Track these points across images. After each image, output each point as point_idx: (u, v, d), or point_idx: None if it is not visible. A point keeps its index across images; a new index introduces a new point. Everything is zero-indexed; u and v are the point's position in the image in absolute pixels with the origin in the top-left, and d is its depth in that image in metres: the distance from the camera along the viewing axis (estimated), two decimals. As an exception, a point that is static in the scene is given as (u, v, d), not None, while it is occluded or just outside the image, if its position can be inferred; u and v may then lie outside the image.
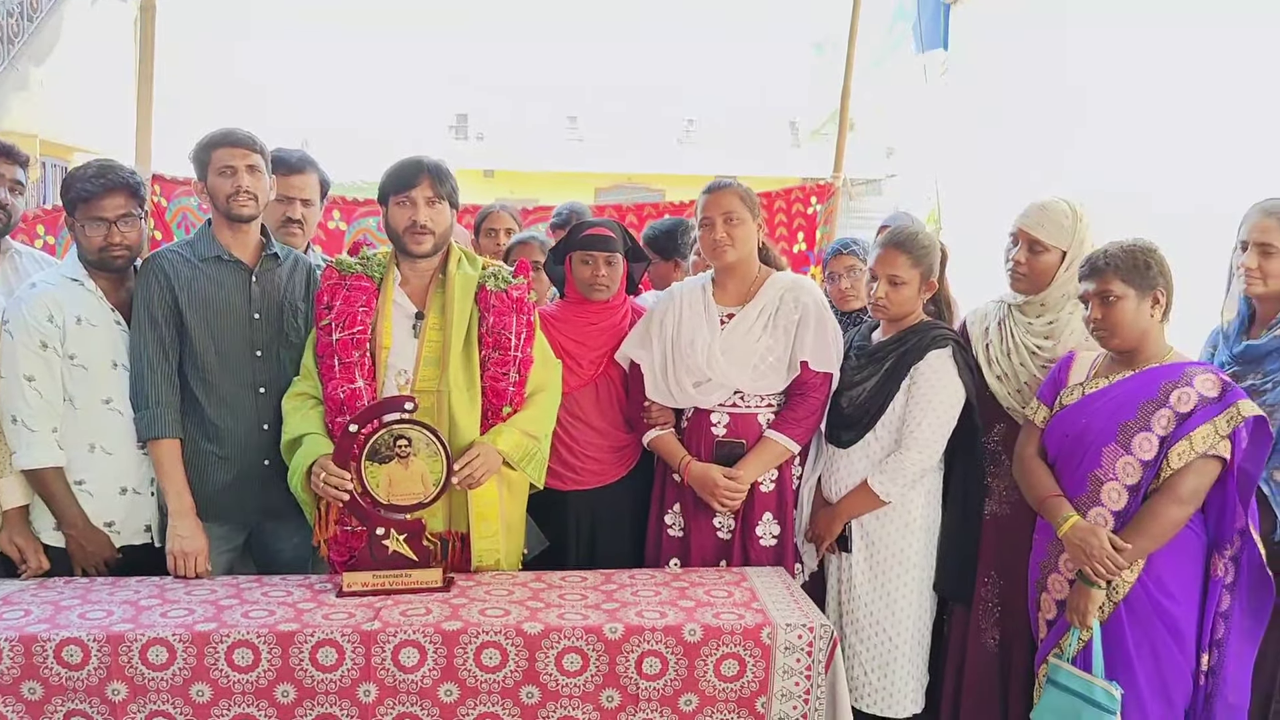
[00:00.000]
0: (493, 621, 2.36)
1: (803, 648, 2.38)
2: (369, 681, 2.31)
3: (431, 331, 2.70)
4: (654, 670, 2.36)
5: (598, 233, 3.00)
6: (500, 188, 21.94)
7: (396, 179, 2.69)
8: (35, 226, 3.81)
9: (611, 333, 3.06)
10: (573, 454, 3.01)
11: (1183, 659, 2.43)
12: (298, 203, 3.25)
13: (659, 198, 15.54)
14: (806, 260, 4.62)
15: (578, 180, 22.40)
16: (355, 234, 4.31)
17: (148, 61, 4.01)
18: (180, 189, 4.07)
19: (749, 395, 2.91)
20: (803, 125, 27.65)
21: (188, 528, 2.69)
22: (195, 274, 2.77)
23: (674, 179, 23.50)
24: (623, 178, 24.03)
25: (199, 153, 2.78)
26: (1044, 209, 2.77)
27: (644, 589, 2.60)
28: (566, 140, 26.80)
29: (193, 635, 2.28)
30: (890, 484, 2.75)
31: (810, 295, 2.93)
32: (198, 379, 2.76)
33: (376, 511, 2.56)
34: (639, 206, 4.75)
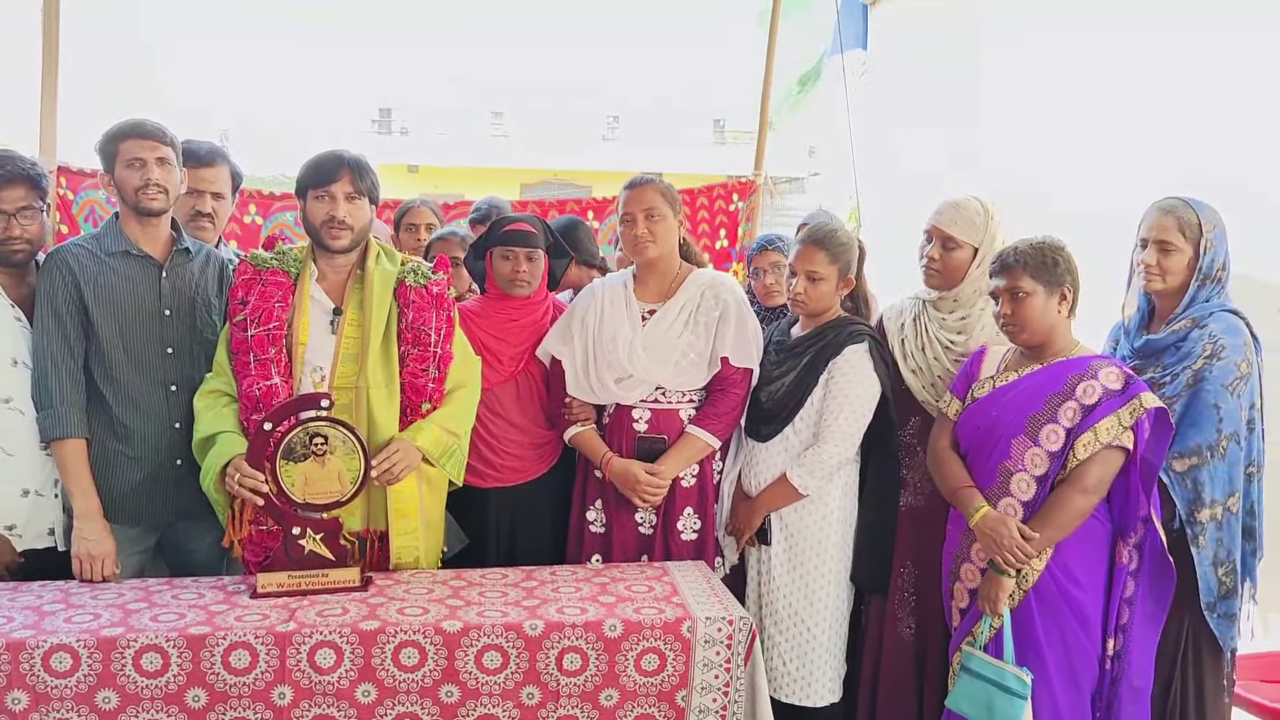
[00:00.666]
0: (411, 620, 2.34)
1: (722, 641, 2.40)
2: (284, 684, 2.27)
3: (349, 328, 2.66)
4: (574, 666, 2.36)
5: (518, 228, 2.99)
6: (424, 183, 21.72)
7: (315, 173, 2.64)
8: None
9: (532, 329, 3.05)
10: (493, 451, 2.99)
11: (1089, 644, 2.51)
12: (208, 196, 3.17)
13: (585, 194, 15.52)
14: (729, 257, 4.66)
15: (503, 176, 22.29)
16: (272, 229, 4.22)
17: (51, 50, 3.88)
18: (87, 181, 3.94)
19: (670, 391, 2.92)
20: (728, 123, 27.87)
21: (94, 530, 2.62)
22: (102, 269, 2.69)
23: (599, 175, 23.50)
24: (548, 173, 23.96)
25: (106, 144, 2.70)
26: (957, 207, 2.83)
27: (565, 585, 2.60)
28: (491, 136, 26.63)
29: (98, 640, 2.22)
30: (808, 477, 2.79)
31: (731, 292, 2.96)
32: (105, 377, 2.68)
33: (292, 511, 2.52)
34: (562, 203, 4.73)
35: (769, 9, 4.88)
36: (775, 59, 4.76)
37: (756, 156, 4.78)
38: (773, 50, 4.74)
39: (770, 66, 4.72)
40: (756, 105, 4.81)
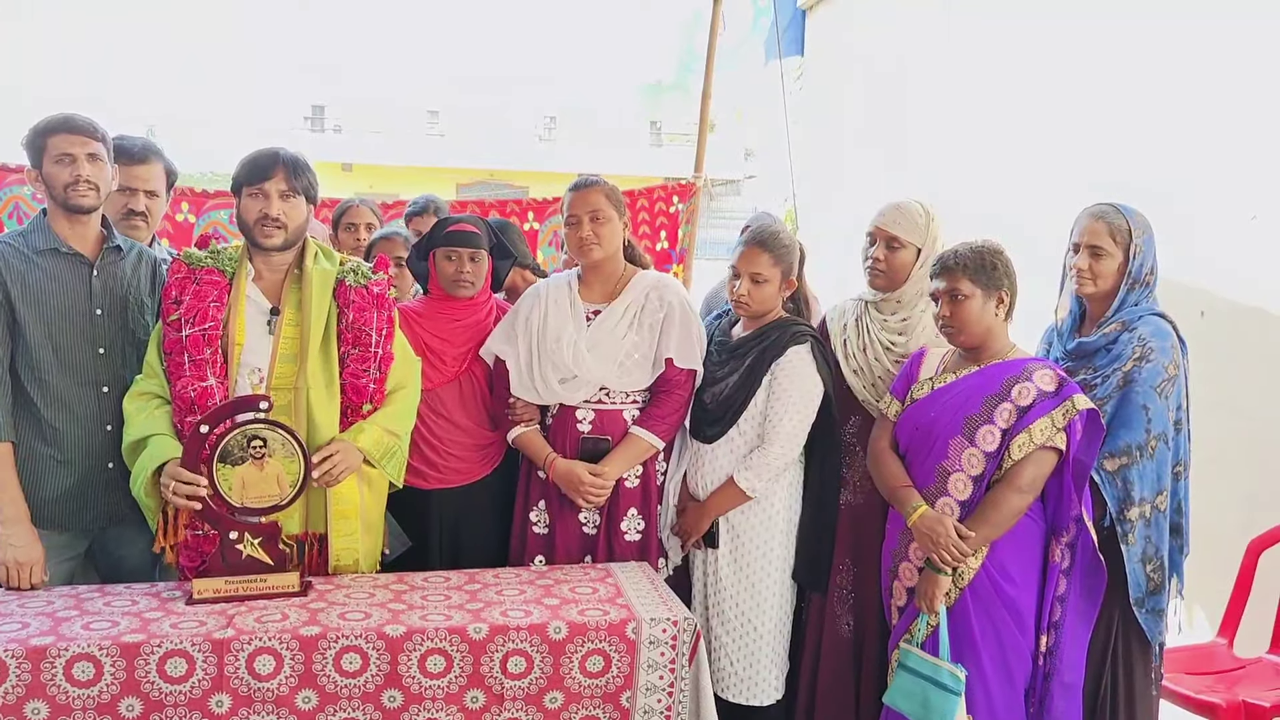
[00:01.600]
0: (353, 625, 2.31)
1: (667, 641, 2.41)
2: (222, 692, 2.23)
3: (287, 327, 2.62)
4: (519, 669, 2.35)
5: (462, 229, 2.97)
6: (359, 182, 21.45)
7: (250, 170, 2.59)
8: None
9: (476, 329, 3.03)
10: (436, 452, 2.97)
11: (1023, 641, 2.57)
12: (141, 194, 3.09)
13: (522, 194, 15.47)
14: (669, 259, 4.68)
15: (439, 175, 22.12)
16: (205, 226, 4.14)
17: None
18: (12, 176, 3.83)
19: (614, 392, 2.92)
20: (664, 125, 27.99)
21: (21, 536, 2.54)
22: (29, 267, 2.61)
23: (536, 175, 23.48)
24: (485, 174, 23.84)
25: (33, 138, 2.62)
26: (899, 208, 2.88)
27: (509, 588, 2.59)
28: (427, 135, 26.43)
29: (27, 650, 2.15)
30: (756, 479, 2.81)
31: (675, 294, 2.97)
32: (32, 379, 2.61)
33: (229, 515, 2.47)
34: (502, 203, 4.72)
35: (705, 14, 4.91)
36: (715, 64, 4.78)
37: (697, 159, 4.81)
38: (713, 54, 4.77)
39: (710, 70, 4.75)
40: (695, 107, 4.83)
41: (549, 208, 4.60)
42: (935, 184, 5.01)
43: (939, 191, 4.33)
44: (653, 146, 27.59)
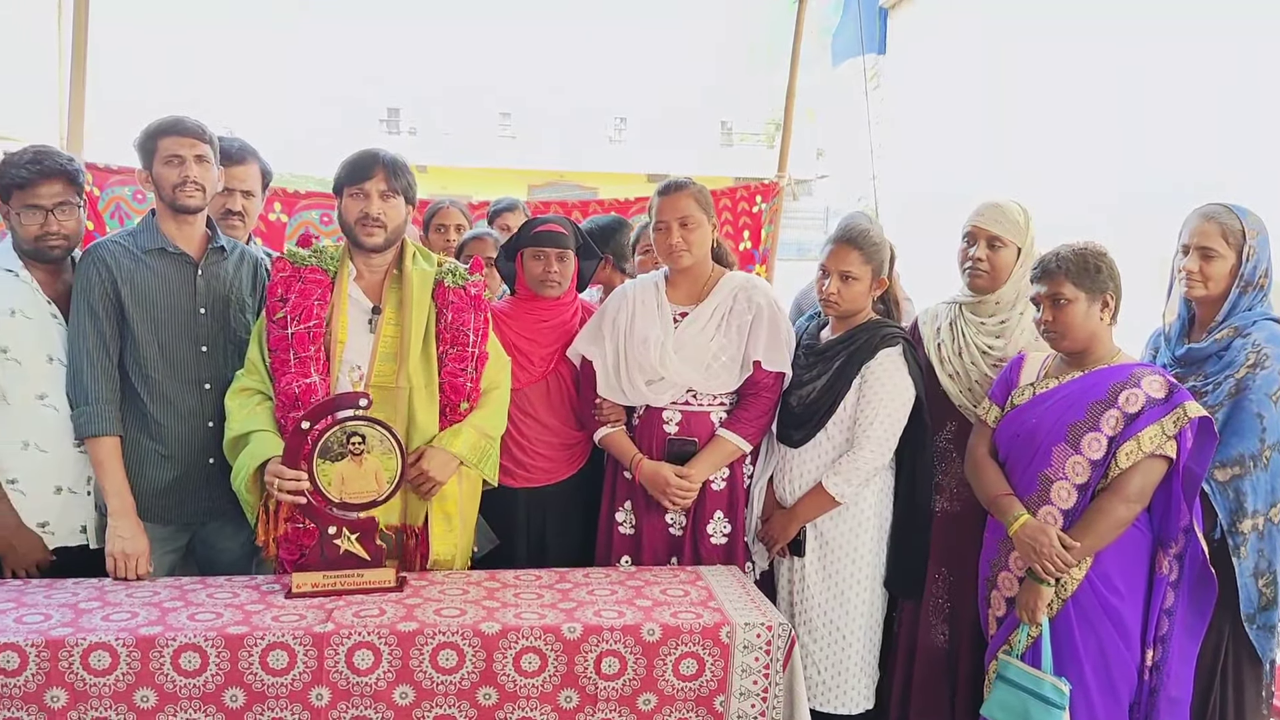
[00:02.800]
0: (449, 622, 2.33)
1: (761, 646, 2.39)
2: (321, 685, 2.26)
3: (388, 327, 2.65)
4: (613, 670, 2.34)
5: (550, 229, 2.98)
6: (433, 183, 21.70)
7: (352, 171, 2.63)
8: (-41, 215, 3.66)
9: (562, 330, 3.04)
10: (523, 451, 2.99)
11: (1128, 654, 2.49)
12: (239, 194, 3.15)
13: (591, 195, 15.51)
14: (752, 259, 4.65)
15: (510, 177, 22.30)
16: (297, 226, 4.21)
17: (80, 45, 3.87)
18: (114, 178, 3.93)
19: (701, 394, 2.91)
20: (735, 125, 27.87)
21: (129, 528, 2.60)
22: (138, 266, 2.68)
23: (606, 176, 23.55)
24: (555, 175, 23.99)
25: (145, 140, 2.69)
26: (999, 207, 2.83)
27: (599, 588, 2.59)
28: (499, 137, 26.66)
29: (137, 639, 2.21)
30: (845, 485, 2.77)
31: (764, 295, 2.95)
32: (139, 375, 2.67)
33: (328, 510, 2.50)
34: (583, 203, 4.72)
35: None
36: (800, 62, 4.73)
37: (780, 158, 4.77)
38: (797, 52, 4.73)
39: (795, 67, 4.70)
40: (765, 107, 4.79)
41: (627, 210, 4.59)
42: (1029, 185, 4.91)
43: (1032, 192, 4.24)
44: (723, 146, 27.50)
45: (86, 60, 3.90)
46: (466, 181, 21.05)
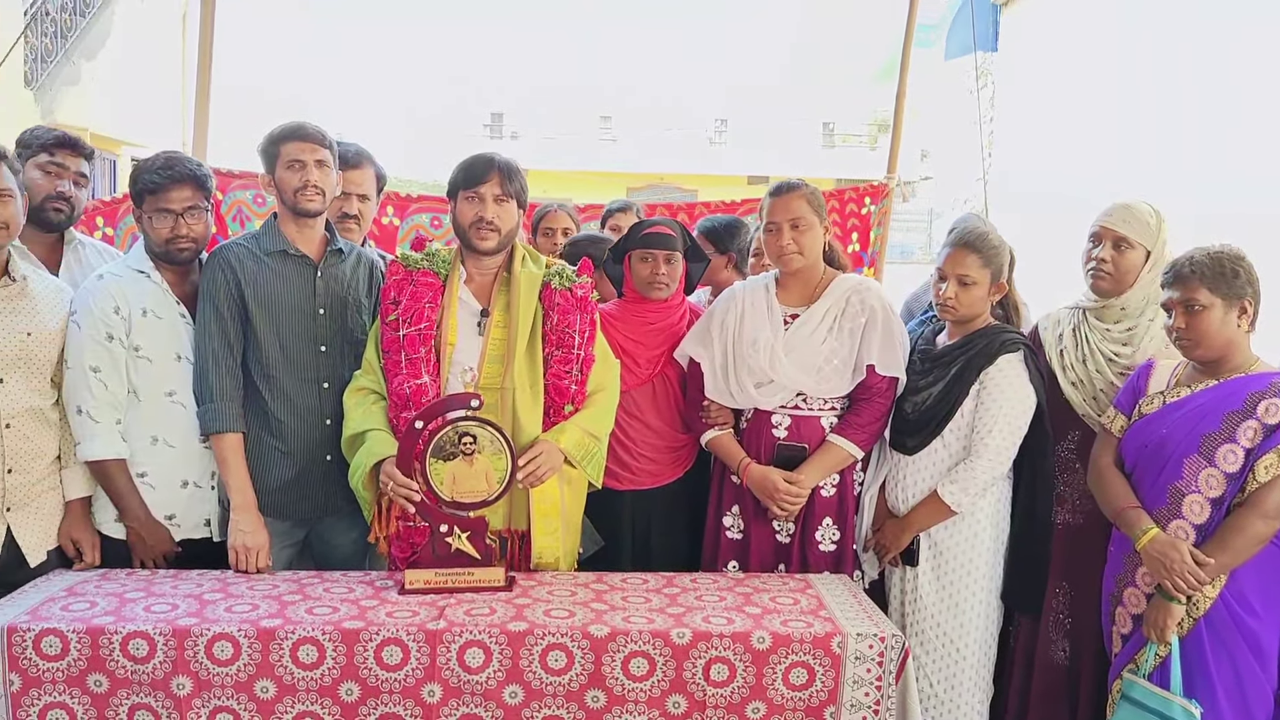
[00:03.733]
0: (558, 623, 2.33)
1: (873, 658, 2.33)
2: (434, 682, 2.28)
3: (496, 329, 2.68)
4: (722, 677, 2.32)
5: (658, 231, 2.97)
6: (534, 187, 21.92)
7: (466, 174, 2.67)
8: (94, 218, 3.82)
9: (669, 332, 3.03)
10: (629, 453, 2.98)
11: (1265, 677, 2.37)
12: (354, 198, 3.24)
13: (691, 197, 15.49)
14: (861, 261, 4.57)
15: (610, 180, 22.44)
16: (409, 229, 4.29)
17: (206, 54, 4.01)
18: (235, 182, 4.06)
19: (812, 398, 2.86)
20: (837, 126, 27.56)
21: (250, 523, 2.68)
22: (261, 268, 2.76)
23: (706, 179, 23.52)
24: (655, 177, 24.05)
25: (268, 145, 2.77)
26: (1128, 208, 2.73)
27: (707, 593, 2.57)
28: (600, 139, 26.88)
29: (258, 631, 2.27)
30: (961, 494, 2.70)
31: (877, 298, 2.89)
32: (261, 373, 2.75)
33: (440, 509, 2.54)
34: (689, 205, 4.71)
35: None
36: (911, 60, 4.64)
37: (890, 159, 4.68)
38: (908, 50, 4.63)
39: (906, 66, 4.61)
40: (867, 107, 4.71)
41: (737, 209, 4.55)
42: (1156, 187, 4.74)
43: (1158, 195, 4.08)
44: (824, 148, 27.22)
45: (211, 71, 4.03)
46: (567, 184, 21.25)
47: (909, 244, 21.83)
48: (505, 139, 26.44)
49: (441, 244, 2.93)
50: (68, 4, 10.75)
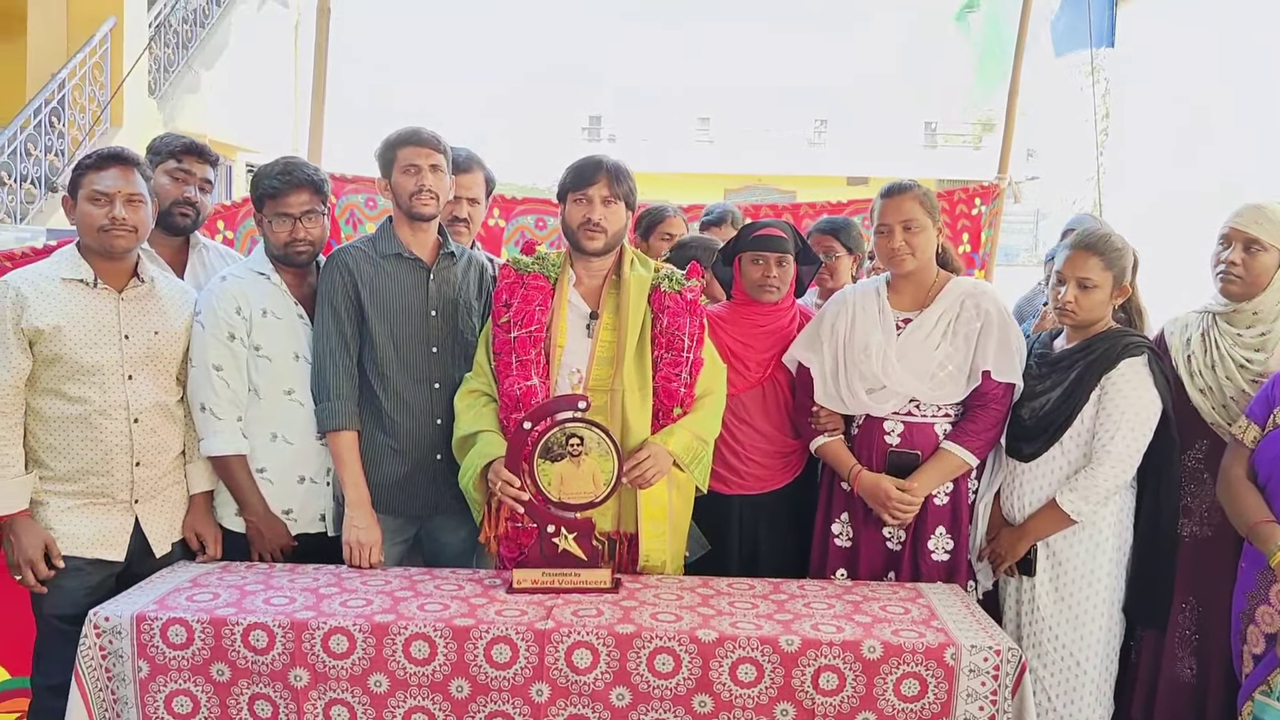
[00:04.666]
0: (665, 627, 2.32)
1: (988, 671, 2.27)
2: (542, 681, 2.30)
3: (605, 331, 2.69)
4: (831, 686, 2.28)
5: (770, 233, 2.94)
6: (632, 188, 22.06)
7: (575, 177, 2.69)
8: (215, 222, 3.95)
9: (779, 335, 3.00)
10: (737, 457, 2.96)
11: None
12: (464, 201, 3.28)
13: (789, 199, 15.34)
14: (971, 263, 4.45)
15: (707, 181, 22.39)
16: (514, 231, 4.35)
17: (321, 62, 4.12)
18: (349, 186, 4.17)
19: (925, 404, 2.80)
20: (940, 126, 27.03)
21: (364, 518, 2.74)
22: (377, 270, 2.82)
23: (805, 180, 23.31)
24: (752, 178, 23.91)
25: (384, 151, 2.83)
26: (1260, 209, 2.61)
27: (816, 601, 2.53)
28: (697, 141, 26.85)
29: (372, 626, 2.31)
30: (1082, 502, 2.61)
31: (993, 302, 2.81)
32: (375, 373, 2.81)
33: (548, 509, 2.56)
34: (794, 206, 4.65)
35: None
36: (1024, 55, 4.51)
37: (1001, 158, 4.56)
38: (1022, 47, 4.51)
39: (1019, 63, 4.49)
40: (968, 107, 4.59)
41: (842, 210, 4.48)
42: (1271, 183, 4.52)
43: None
44: (926, 148, 26.72)
45: (326, 79, 4.14)
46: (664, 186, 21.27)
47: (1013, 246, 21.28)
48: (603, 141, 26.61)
49: (547, 245, 2.96)
50: (189, 16, 11.20)
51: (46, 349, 2.54)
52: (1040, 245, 22.52)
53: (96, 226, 2.58)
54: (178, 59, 11.06)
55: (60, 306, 2.56)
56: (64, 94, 8.92)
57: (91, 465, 2.59)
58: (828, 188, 20.61)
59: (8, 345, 2.51)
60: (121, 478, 2.63)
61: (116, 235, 2.59)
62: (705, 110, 27.72)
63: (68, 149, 8.93)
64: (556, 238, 4.14)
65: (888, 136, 25.51)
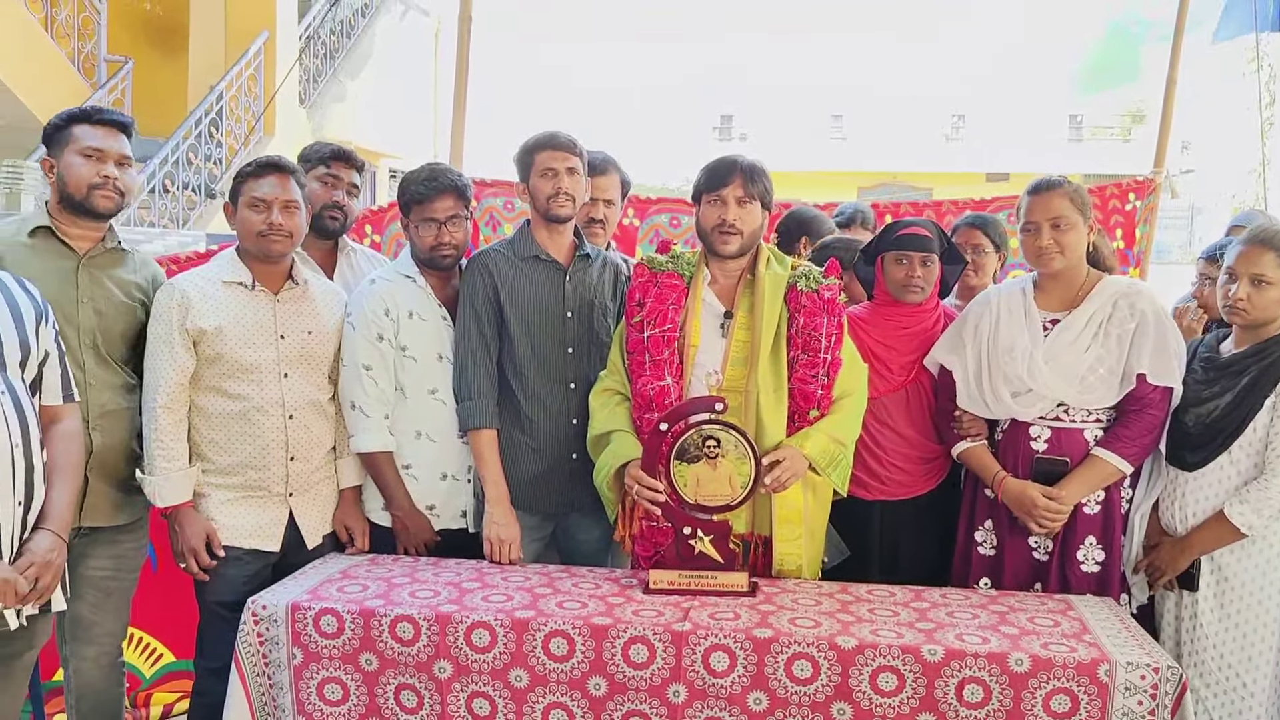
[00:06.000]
0: (804, 632, 2.29)
1: (1145, 690, 2.16)
2: (679, 682, 2.30)
3: (740, 331, 2.67)
4: (975, 698, 2.21)
5: (915, 232, 2.87)
6: (763, 187, 21.92)
7: (710, 177, 2.67)
8: (363, 226, 4.11)
9: (923, 336, 2.92)
10: (879, 462, 2.90)
11: None
12: (601, 203, 3.30)
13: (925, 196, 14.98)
14: (1125, 259, 4.26)
15: (840, 179, 22.09)
16: (648, 230, 4.38)
17: (463, 70, 4.22)
18: (488, 190, 4.26)
19: (1074, 409, 2.69)
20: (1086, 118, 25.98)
21: (504, 515, 2.80)
22: (515, 272, 2.87)
23: (942, 176, 22.77)
24: (887, 176, 23.47)
25: (522, 155, 2.88)
26: None
27: (959, 610, 2.45)
28: (830, 139, 26.50)
29: (513, 621, 2.35)
30: (1254, 515, 2.46)
31: (1148, 301, 2.68)
32: (514, 373, 2.86)
33: (684, 511, 2.55)
34: (936, 203, 4.54)
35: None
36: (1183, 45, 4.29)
37: (1157, 152, 4.35)
38: (1180, 33, 4.29)
39: (1177, 50, 4.27)
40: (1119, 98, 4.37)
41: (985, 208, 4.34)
42: None
43: None
44: (1071, 142, 25.71)
45: (467, 85, 4.24)
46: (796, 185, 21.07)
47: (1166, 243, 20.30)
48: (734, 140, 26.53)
49: (682, 244, 2.95)
50: (336, 27, 11.67)
51: (209, 348, 2.67)
52: (1196, 242, 21.41)
53: (255, 231, 2.70)
54: (325, 69, 11.53)
55: (221, 308, 2.69)
56: (221, 105, 9.40)
57: (250, 459, 2.72)
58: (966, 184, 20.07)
59: (174, 345, 2.65)
60: (277, 472, 2.75)
61: (274, 240, 2.70)
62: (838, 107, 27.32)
63: (225, 157, 9.42)
64: (690, 235, 4.13)
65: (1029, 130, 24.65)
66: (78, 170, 2.58)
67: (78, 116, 2.64)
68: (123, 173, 2.65)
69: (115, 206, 2.65)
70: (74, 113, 2.65)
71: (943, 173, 23.21)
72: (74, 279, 2.61)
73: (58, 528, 2.24)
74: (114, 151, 2.63)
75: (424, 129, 12.66)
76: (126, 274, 2.74)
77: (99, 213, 2.63)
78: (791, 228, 3.70)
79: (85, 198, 2.59)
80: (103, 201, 2.61)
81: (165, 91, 10.15)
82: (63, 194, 2.61)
